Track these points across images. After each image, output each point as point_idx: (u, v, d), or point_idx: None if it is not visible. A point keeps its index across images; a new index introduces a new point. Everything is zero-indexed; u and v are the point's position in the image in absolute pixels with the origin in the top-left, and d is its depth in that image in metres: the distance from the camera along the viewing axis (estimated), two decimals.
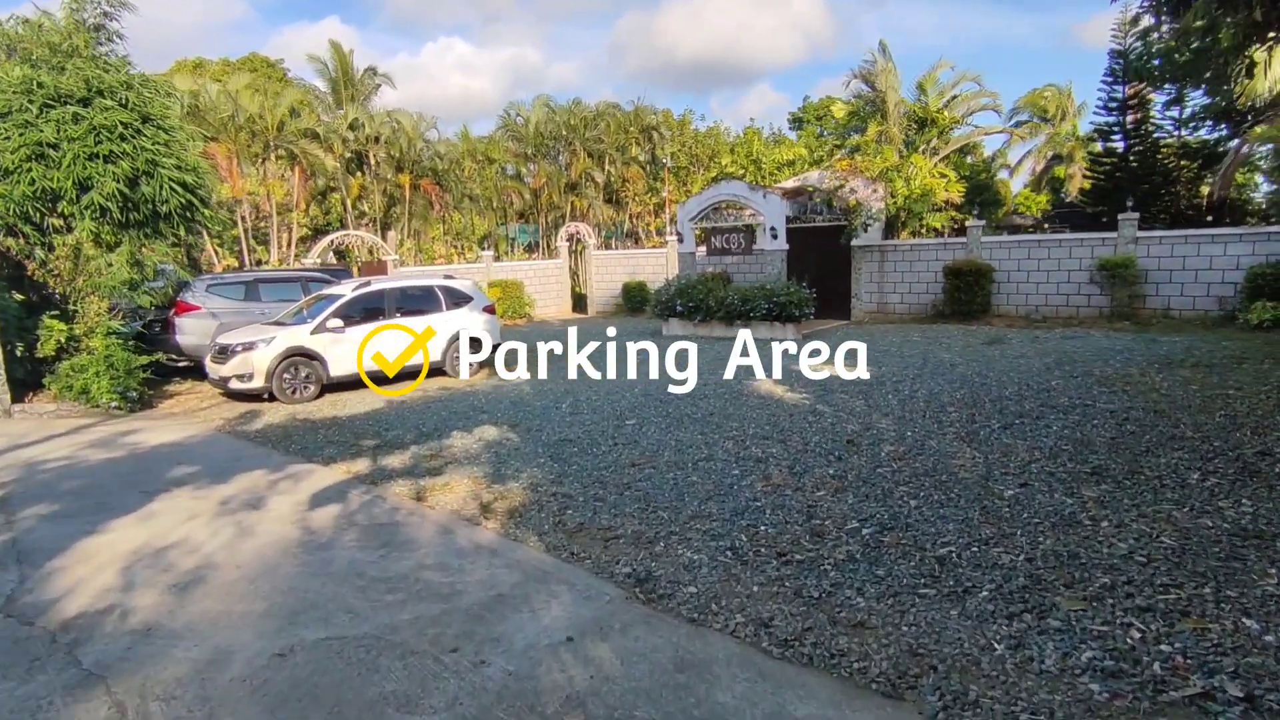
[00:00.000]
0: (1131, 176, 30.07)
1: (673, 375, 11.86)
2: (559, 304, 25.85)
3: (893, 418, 8.49)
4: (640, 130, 27.93)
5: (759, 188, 16.93)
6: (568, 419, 9.30)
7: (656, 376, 12.10)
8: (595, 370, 13.10)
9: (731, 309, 16.40)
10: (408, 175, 23.86)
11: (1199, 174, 31.95)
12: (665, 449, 7.61)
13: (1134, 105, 30.85)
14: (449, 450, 7.97)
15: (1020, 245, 17.22)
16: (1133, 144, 30.63)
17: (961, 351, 13.40)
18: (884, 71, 18.90)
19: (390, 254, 21.30)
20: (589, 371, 13.14)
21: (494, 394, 11.44)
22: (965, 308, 17.40)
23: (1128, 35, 30.07)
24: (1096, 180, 31.23)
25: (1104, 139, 31.72)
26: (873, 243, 18.96)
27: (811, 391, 10.28)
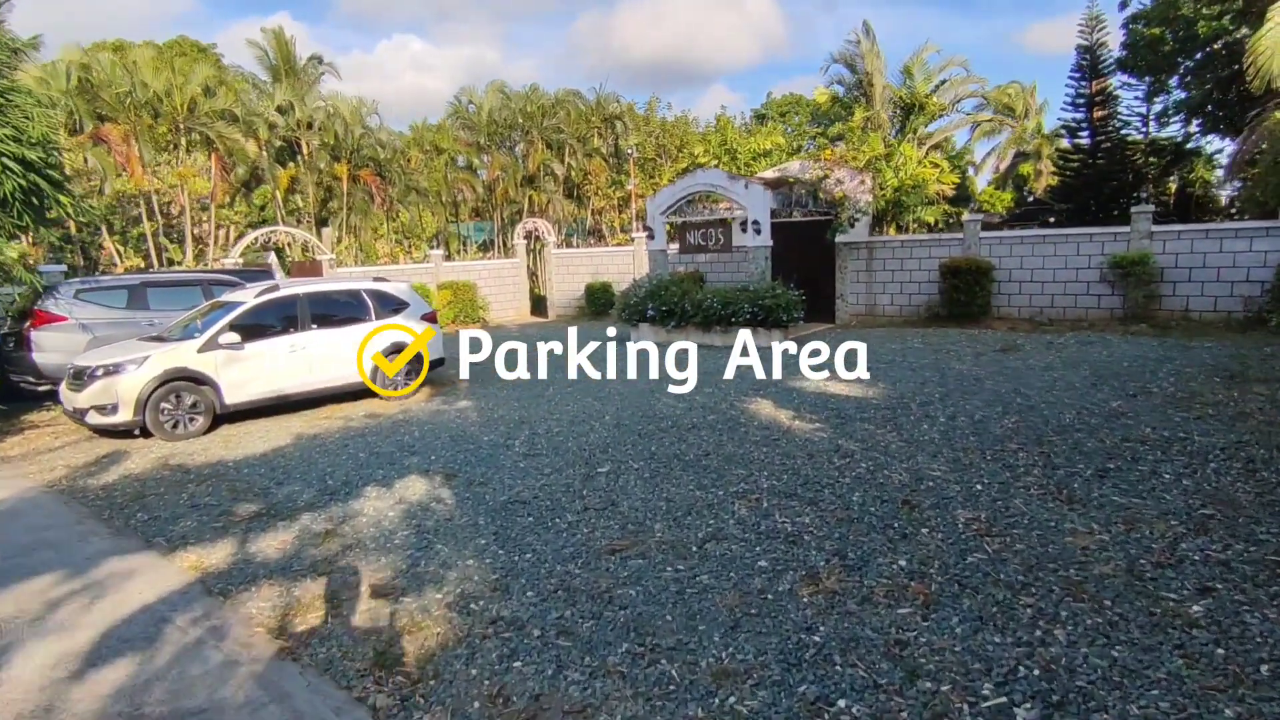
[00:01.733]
0: (1100, 173, 29.08)
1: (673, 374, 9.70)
2: (516, 307, 23.47)
3: (944, 460, 6.45)
4: (603, 120, 25.59)
5: (739, 177, 14.88)
6: (521, 463, 7.06)
7: (629, 394, 9.94)
8: (553, 387, 10.89)
9: (710, 313, 14.30)
10: (345, 165, 21.16)
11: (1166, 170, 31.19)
12: (654, 517, 5.43)
13: (1101, 101, 29.79)
14: (353, 522, 5.67)
15: (1023, 241, 15.49)
16: (1100, 140, 29.64)
17: (977, 362, 11.51)
18: (869, 53, 17.09)
19: (325, 252, 18.71)
20: (545, 388, 10.92)
21: (432, 423, 9.12)
22: (964, 309, 15.60)
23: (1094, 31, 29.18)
24: (1064, 177, 30.21)
25: (1071, 135, 30.69)
26: (860, 239, 17.07)
27: (825, 419, 8.21)
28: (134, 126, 16.77)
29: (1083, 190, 28.51)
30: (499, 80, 24.14)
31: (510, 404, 10.14)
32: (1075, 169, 29.29)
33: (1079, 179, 28.82)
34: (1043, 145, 38.40)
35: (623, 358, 13.58)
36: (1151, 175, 30.57)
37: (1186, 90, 26.43)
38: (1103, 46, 28.82)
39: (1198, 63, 22.62)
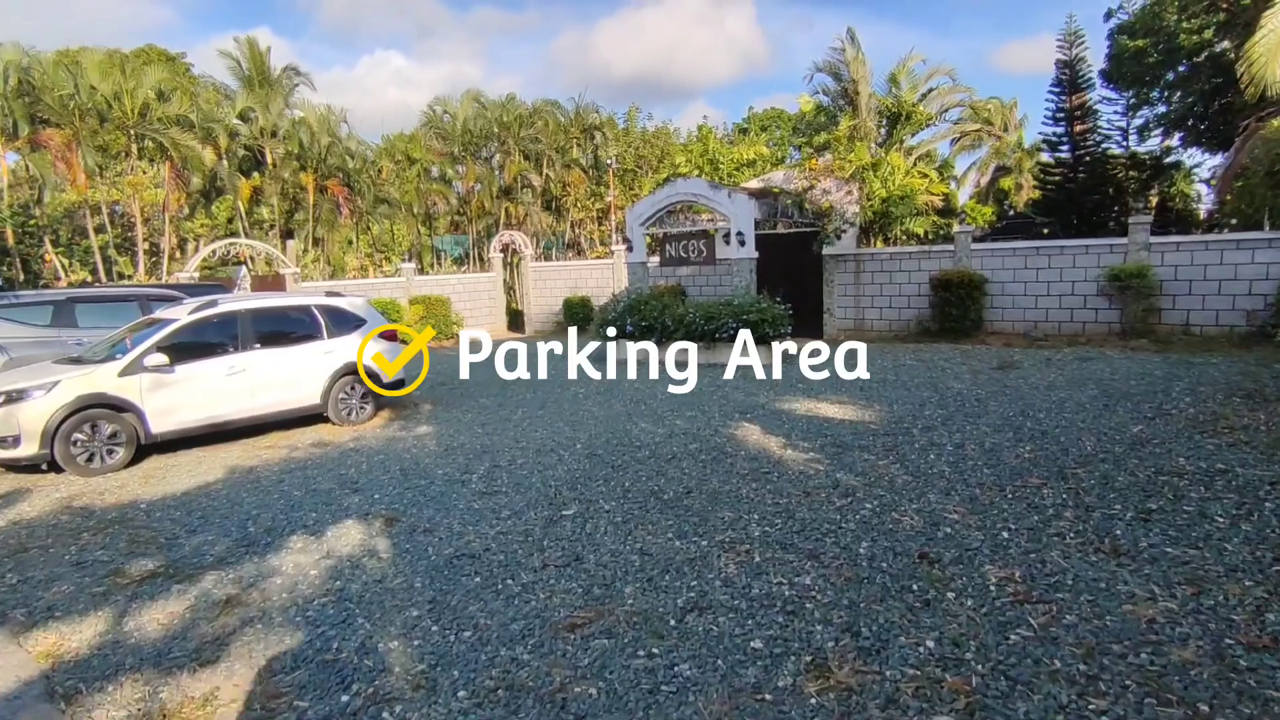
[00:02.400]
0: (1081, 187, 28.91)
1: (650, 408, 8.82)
2: (492, 322, 22.50)
3: (958, 498, 5.60)
4: (582, 130, 24.74)
5: (722, 186, 14.11)
6: (476, 504, 6.12)
7: (604, 417, 9.03)
8: (522, 410, 9.96)
9: (692, 329, 13.45)
10: (311, 175, 20.12)
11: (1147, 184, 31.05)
12: (625, 576, 4.52)
13: (1081, 115, 29.64)
14: (265, 585, 4.70)
15: (1016, 253, 14.82)
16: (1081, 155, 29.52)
17: (975, 380, 10.74)
18: (854, 61, 16.47)
19: (289, 266, 17.67)
20: (513, 412, 9.98)
21: (384, 453, 8.14)
22: (956, 324, 14.88)
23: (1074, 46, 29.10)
24: (1046, 191, 30.01)
25: (1052, 150, 30.52)
26: (847, 251, 16.35)
27: (820, 447, 7.34)
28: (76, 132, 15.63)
29: (1064, 204, 28.28)
30: (474, 89, 23.36)
31: (474, 429, 9.18)
32: (1057, 183, 29.13)
33: (1061, 193, 28.65)
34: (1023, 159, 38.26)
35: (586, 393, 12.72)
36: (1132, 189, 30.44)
37: (1168, 104, 26.23)
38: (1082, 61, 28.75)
39: (1181, 75, 22.31)
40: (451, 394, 12.14)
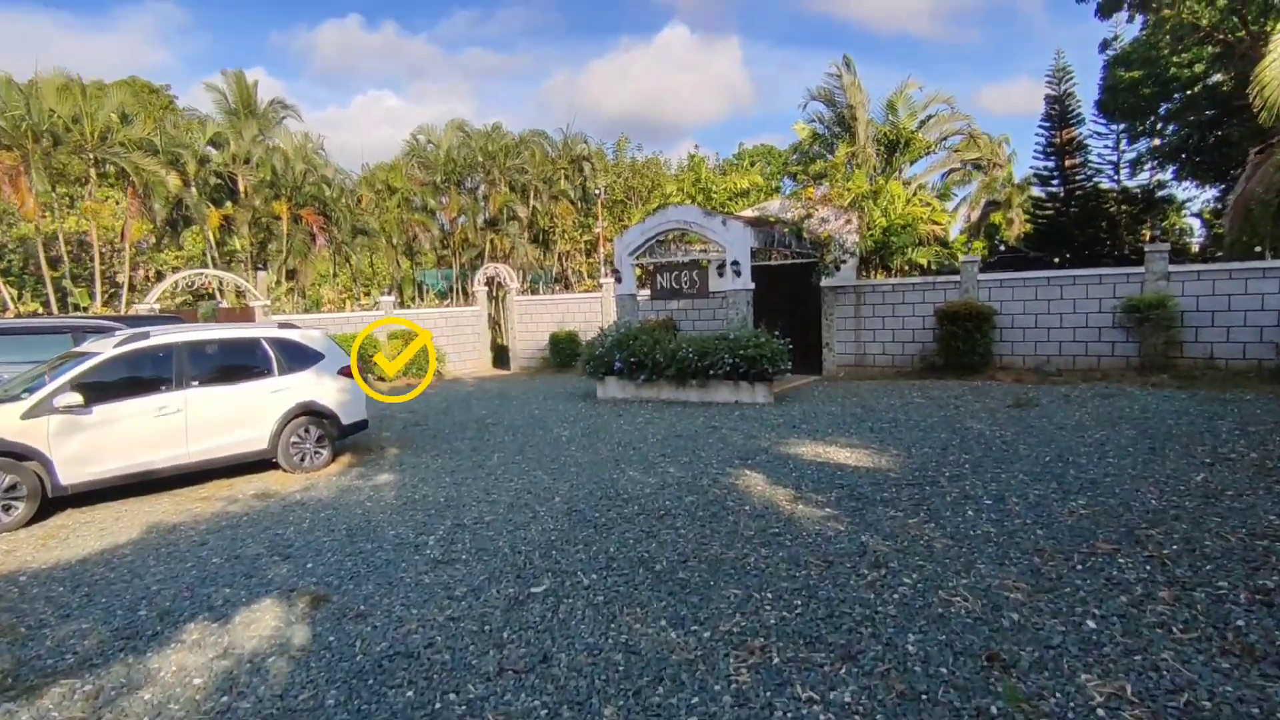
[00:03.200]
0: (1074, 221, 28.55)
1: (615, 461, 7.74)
2: (476, 358, 21.43)
3: (1016, 569, 4.54)
4: (570, 161, 24.04)
5: (716, 213, 13.24)
6: (428, 577, 5.00)
7: (588, 464, 7.94)
8: (498, 455, 8.84)
9: (685, 365, 12.44)
10: (285, 204, 19.20)
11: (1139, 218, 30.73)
12: (604, 690, 3.41)
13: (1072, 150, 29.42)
14: (126, 704, 3.55)
15: (1026, 284, 13.97)
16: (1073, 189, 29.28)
17: (994, 420, 9.74)
18: (851, 87, 15.84)
19: (259, 298, 16.61)
20: (488, 458, 8.87)
21: (333, 508, 7.01)
22: (963, 359, 13.94)
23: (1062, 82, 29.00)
24: (1038, 225, 29.61)
25: (1043, 184, 30.26)
26: (847, 283, 15.47)
27: (836, 501, 6.28)
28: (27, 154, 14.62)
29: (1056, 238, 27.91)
30: (459, 118, 22.66)
31: (441, 478, 8.06)
32: (1049, 217, 28.81)
33: (1053, 227, 28.31)
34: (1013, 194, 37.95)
35: (585, 417, 11.63)
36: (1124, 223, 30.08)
37: (1161, 137, 25.91)
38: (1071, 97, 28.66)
39: (1176, 107, 21.93)
40: (424, 436, 11.02)
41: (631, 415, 11.71)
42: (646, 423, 10.96)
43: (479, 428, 11.47)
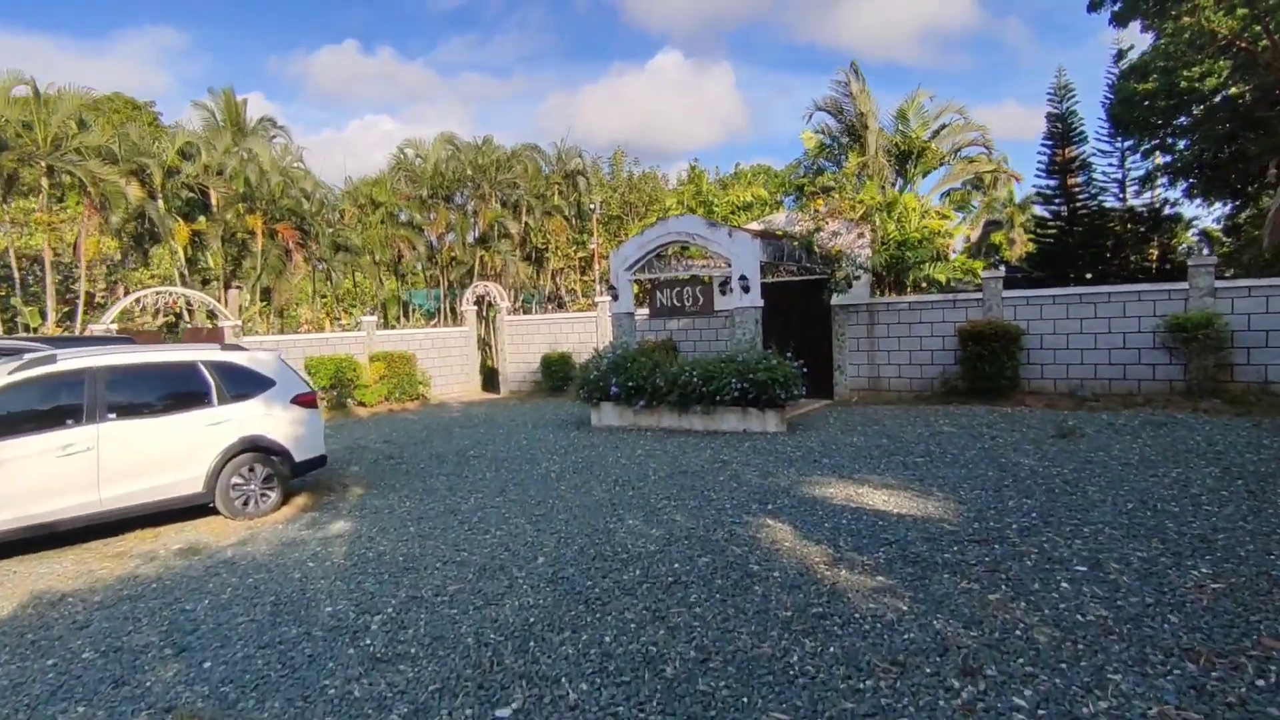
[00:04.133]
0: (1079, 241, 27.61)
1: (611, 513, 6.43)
2: (464, 381, 20.12)
3: (1172, 685, 3.26)
4: (564, 176, 22.93)
5: (721, 224, 12.05)
6: (357, 687, 3.68)
7: (580, 508, 6.63)
8: (476, 496, 7.51)
9: (688, 390, 11.18)
10: (260, 217, 17.94)
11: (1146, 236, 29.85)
12: None
13: (1075, 168, 28.62)
14: None
15: (1055, 301, 12.79)
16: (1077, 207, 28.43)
17: (1041, 453, 8.49)
18: (860, 95, 14.81)
19: (228, 318, 15.33)
20: (465, 499, 7.54)
21: (266, 570, 5.68)
22: (989, 382, 12.71)
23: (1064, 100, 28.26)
24: (1042, 244, 28.73)
25: (1046, 203, 29.41)
26: (859, 300, 14.27)
27: (887, 564, 4.99)
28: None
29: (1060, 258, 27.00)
30: (448, 132, 21.53)
31: (405, 527, 6.74)
32: (1054, 236, 27.97)
33: (1057, 246, 27.42)
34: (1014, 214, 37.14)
35: (577, 448, 10.33)
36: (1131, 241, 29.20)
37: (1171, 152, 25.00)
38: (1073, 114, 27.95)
39: (1194, 120, 20.98)
40: (396, 471, 9.70)
41: (629, 446, 10.42)
42: (646, 455, 9.66)
43: (459, 461, 10.16)
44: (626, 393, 11.85)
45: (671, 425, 11.69)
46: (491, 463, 9.88)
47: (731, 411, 11.11)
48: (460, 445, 11.53)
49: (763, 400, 10.78)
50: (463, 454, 10.71)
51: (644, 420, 11.95)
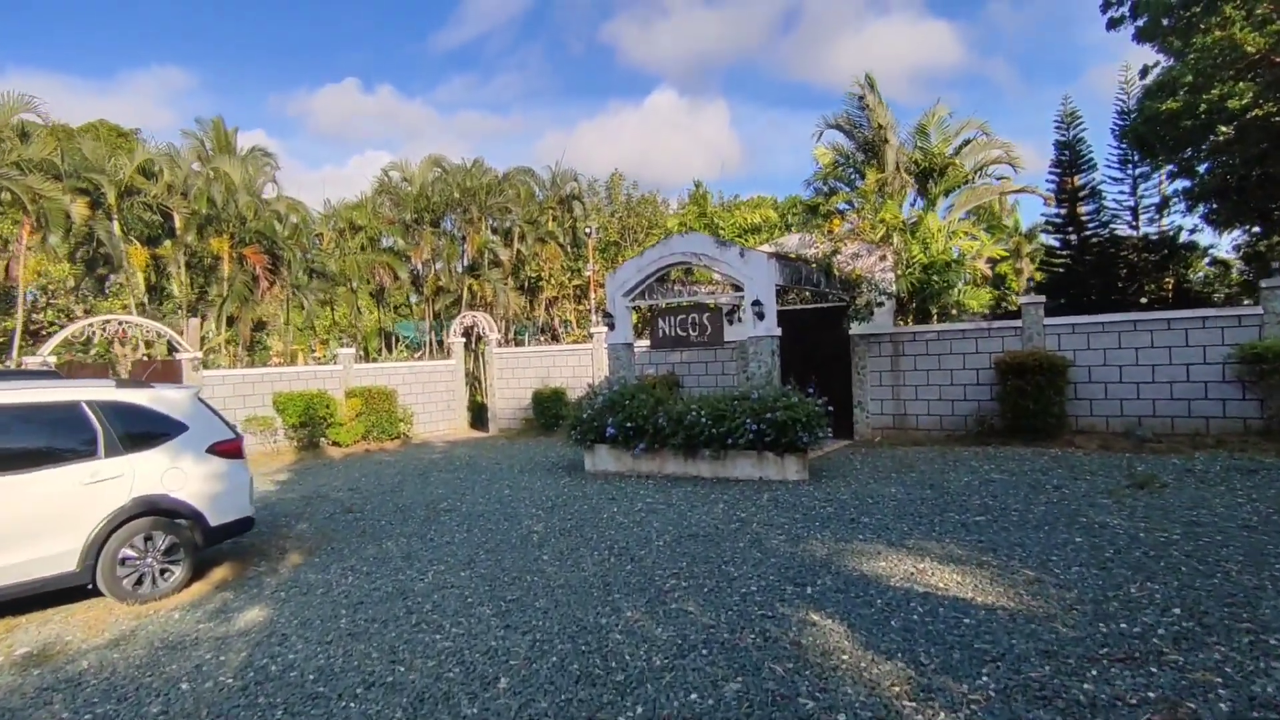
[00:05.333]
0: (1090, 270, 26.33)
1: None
2: (450, 418, 18.51)
3: None
4: (559, 201, 21.60)
5: (731, 244, 10.61)
6: None
7: (564, 590, 5.02)
8: (436, 569, 5.87)
9: (695, 432, 9.60)
10: (227, 240, 16.50)
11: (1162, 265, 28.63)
12: None
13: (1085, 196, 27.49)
14: None
15: (1106, 329, 11.30)
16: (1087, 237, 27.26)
17: (1129, 511, 6.91)
18: (878, 107, 13.55)
19: (187, 349, 13.79)
20: (422, 573, 5.90)
21: (117, 699, 4.04)
22: (1033, 420, 11.15)
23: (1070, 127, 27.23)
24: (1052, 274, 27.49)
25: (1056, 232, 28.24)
26: (883, 330, 12.78)
27: (1003, 701, 3.36)
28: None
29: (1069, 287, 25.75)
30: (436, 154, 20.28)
31: (334, 620, 5.11)
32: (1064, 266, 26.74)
33: (1068, 276, 26.18)
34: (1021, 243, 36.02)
35: (567, 500, 8.68)
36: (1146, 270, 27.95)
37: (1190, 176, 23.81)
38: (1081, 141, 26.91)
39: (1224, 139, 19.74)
40: (350, 530, 8.06)
41: (628, 498, 8.80)
42: (648, 511, 8.05)
43: (426, 516, 8.52)
44: (624, 434, 10.26)
45: (676, 472, 10.08)
46: (465, 519, 8.25)
47: (745, 456, 9.51)
48: (433, 495, 9.89)
49: (782, 444, 9.20)
50: (433, 506, 9.08)
51: (644, 466, 10.34)
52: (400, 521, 8.36)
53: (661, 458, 10.20)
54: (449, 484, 10.76)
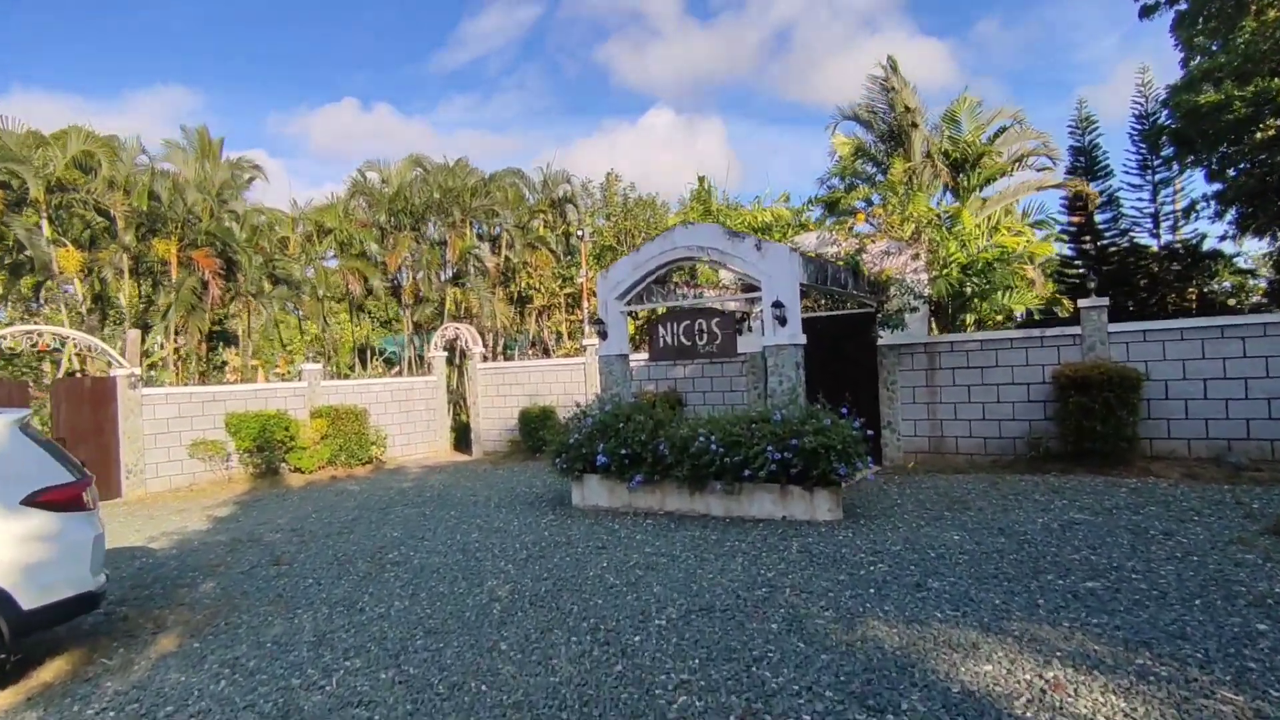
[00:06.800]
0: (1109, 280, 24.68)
1: None
2: (430, 440, 16.65)
3: None
4: (550, 204, 19.86)
5: (745, 234, 8.81)
6: None
7: (520, 704, 3.23)
8: (355, 660, 4.02)
9: (703, 461, 7.75)
10: (174, 243, 14.70)
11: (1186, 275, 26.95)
12: None
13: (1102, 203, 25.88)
14: None
15: (1185, 337, 9.49)
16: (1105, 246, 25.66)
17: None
18: (904, 91, 11.86)
19: (122, 364, 11.96)
20: (333, 665, 4.03)
21: None
22: (1100, 443, 9.31)
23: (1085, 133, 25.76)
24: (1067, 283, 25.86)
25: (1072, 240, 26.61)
26: (915, 340, 10.97)
27: None
28: None
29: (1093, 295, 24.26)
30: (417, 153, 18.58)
31: None
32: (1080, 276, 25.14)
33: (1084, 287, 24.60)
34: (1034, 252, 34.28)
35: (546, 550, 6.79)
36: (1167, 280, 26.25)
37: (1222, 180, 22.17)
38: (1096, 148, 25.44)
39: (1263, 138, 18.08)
40: (264, 592, 6.20)
41: (622, 545, 6.94)
42: (646, 566, 6.19)
43: (368, 572, 6.66)
44: (618, 463, 8.41)
45: (680, 509, 8.22)
46: (414, 576, 6.38)
47: (766, 491, 7.66)
48: (386, 539, 8.02)
49: (812, 476, 7.35)
50: (380, 557, 7.20)
51: (642, 501, 8.48)
52: (333, 579, 6.49)
53: (663, 491, 8.34)
54: (410, 523, 8.88)
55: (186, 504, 11.37)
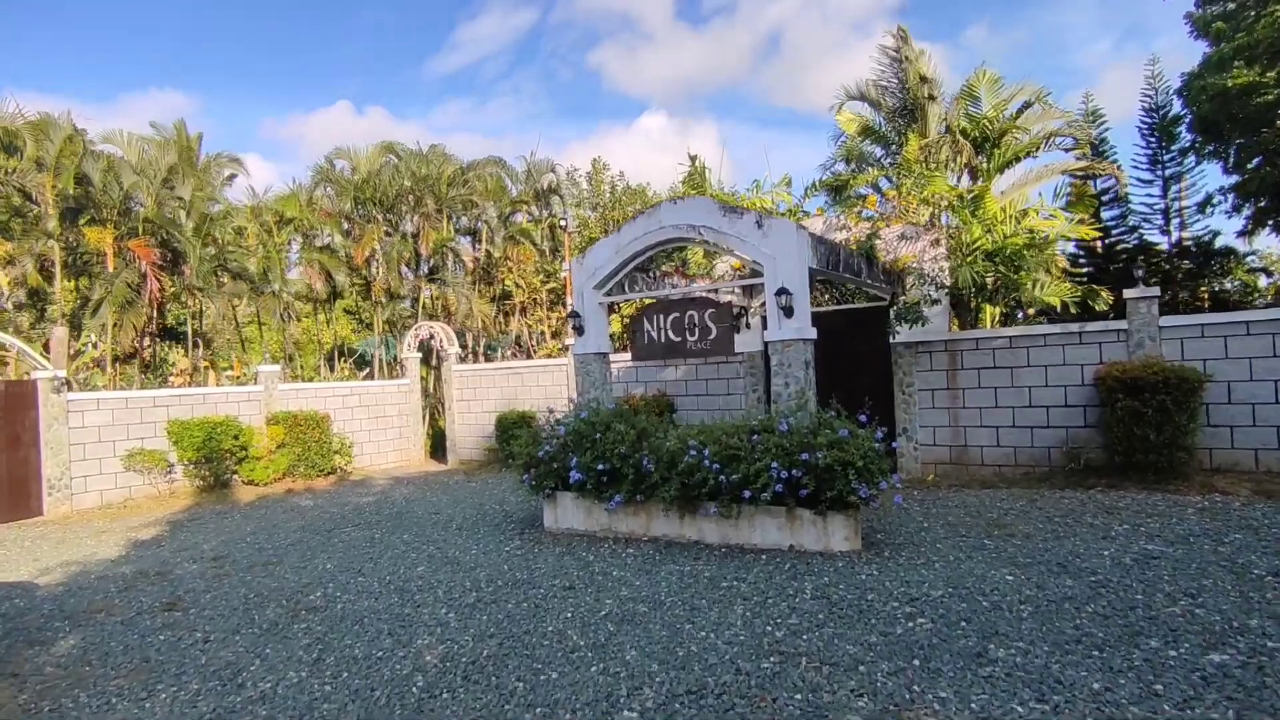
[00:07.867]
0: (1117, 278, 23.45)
1: None
2: (404, 447, 15.24)
3: None
4: (534, 195, 18.50)
5: (746, 210, 7.46)
6: None
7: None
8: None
9: (695, 479, 6.38)
10: (110, 232, 13.26)
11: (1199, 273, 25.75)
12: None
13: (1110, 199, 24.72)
14: None
15: (1253, 332, 8.15)
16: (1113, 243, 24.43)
17: None
18: (918, 60, 10.57)
19: (45, 366, 10.54)
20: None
21: None
22: (1154, 453, 7.97)
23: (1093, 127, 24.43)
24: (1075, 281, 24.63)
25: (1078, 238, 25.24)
26: (935, 336, 9.62)
27: None
28: None
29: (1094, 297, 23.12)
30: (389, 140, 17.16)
31: None
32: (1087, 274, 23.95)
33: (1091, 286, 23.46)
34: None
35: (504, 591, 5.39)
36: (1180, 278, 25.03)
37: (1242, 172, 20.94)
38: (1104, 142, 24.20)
39: None
40: (129, 655, 4.81)
41: (593, 589, 5.55)
42: (621, 621, 4.79)
43: (277, 621, 5.26)
44: (594, 480, 7.02)
45: (668, 534, 6.84)
46: (328, 630, 4.99)
47: (769, 515, 6.29)
48: (316, 573, 6.62)
49: (825, 498, 5.97)
50: (298, 599, 5.80)
51: (623, 524, 7.10)
52: (228, 632, 5.09)
53: (648, 513, 6.96)
54: (352, 550, 7.49)
55: (113, 523, 9.94)
